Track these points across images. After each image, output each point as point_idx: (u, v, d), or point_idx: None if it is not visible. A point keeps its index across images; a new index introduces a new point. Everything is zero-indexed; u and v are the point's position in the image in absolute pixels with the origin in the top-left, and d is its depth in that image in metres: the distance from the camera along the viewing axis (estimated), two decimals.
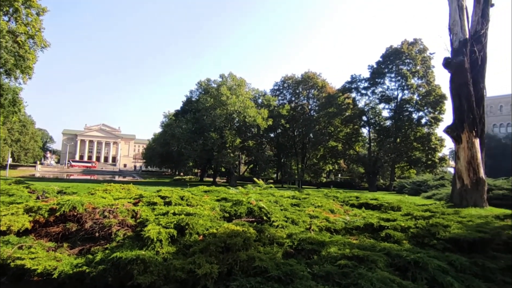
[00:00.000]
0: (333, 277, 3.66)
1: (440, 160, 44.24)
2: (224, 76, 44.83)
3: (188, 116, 43.36)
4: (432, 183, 25.76)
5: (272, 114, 45.61)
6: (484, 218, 7.28)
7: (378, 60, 46.33)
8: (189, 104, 49.05)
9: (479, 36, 15.26)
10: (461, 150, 14.49)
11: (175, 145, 42.51)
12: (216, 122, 40.44)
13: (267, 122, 42.78)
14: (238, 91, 42.82)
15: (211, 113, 40.79)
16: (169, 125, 47.50)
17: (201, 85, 48.21)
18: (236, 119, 43.59)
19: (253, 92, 48.58)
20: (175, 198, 6.14)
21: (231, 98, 40.66)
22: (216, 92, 42.02)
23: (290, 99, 53.57)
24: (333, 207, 6.86)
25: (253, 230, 4.61)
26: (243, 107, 41.40)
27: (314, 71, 52.73)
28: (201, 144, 40.70)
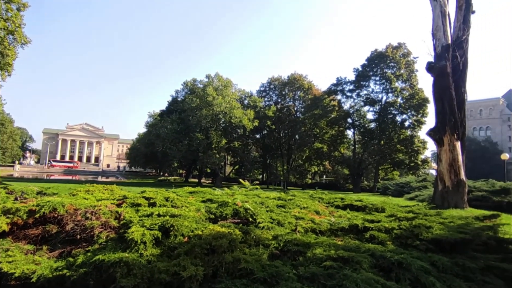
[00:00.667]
0: (319, 278, 3.67)
1: (422, 162, 45.21)
2: (210, 77, 44.63)
3: (174, 116, 42.95)
4: (415, 185, 26.24)
5: (258, 116, 45.64)
6: (465, 219, 7.44)
7: (363, 63, 47.02)
8: (174, 104, 48.59)
9: (461, 42, 15.65)
10: (443, 152, 14.80)
11: (160, 145, 42.01)
12: (202, 123, 40.20)
13: (253, 123, 42.76)
14: (225, 92, 42.68)
15: (196, 113, 40.51)
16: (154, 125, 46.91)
17: (187, 85, 47.82)
18: (222, 120, 43.42)
19: (239, 93, 48.51)
20: (159, 199, 6.04)
21: (217, 99, 40.49)
22: (202, 93, 41.77)
23: (276, 100, 53.74)
24: (319, 208, 6.89)
25: (239, 232, 4.58)
26: (229, 108, 41.28)
27: (300, 73, 53.10)
28: (187, 145, 40.34)
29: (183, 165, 53.62)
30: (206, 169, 49.10)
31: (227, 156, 51.70)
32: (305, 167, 54.85)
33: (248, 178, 47.95)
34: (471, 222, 7.05)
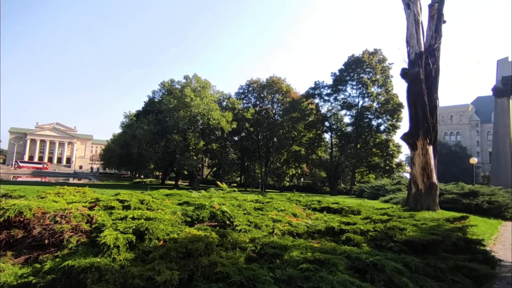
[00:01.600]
0: (295, 280, 3.67)
1: (397, 165, 46.54)
2: (188, 78, 44.20)
3: (150, 117, 42.21)
4: (389, 188, 26.81)
5: (237, 118, 45.57)
6: (436, 220, 7.68)
7: (341, 68, 47.93)
8: (151, 105, 47.75)
9: (433, 50, 16.18)
10: (416, 156, 15.22)
11: (136, 146, 41.14)
12: (179, 124, 39.72)
13: (231, 125, 42.65)
14: (203, 93, 42.39)
15: (174, 114, 39.99)
16: (129, 126, 45.87)
17: (164, 86, 47.13)
18: (200, 122, 43.08)
19: (217, 95, 48.29)
20: (134, 201, 5.88)
21: (195, 100, 40.14)
22: (180, 94, 41.29)
23: (255, 103, 53.87)
24: (296, 211, 6.92)
25: (216, 235, 4.51)
26: (207, 110, 41.02)
27: (279, 76, 53.53)
28: (163, 146, 39.72)
29: (159, 167, 52.72)
30: (183, 171, 48.45)
31: (205, 158, 51.28)
32: (283, 169, 55.20)
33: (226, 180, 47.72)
34: (442, 224, 7.28)
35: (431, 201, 14.78)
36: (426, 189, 14.85)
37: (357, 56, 46.67)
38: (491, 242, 9.60)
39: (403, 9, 17.24)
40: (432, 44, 16.26)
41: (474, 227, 8.42)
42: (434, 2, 16.35)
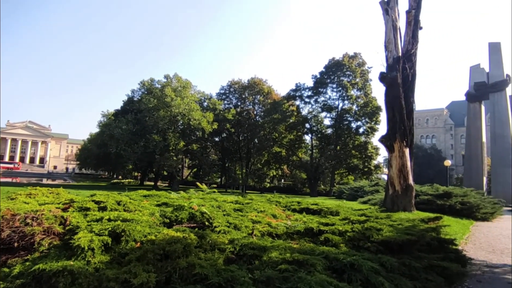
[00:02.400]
0: (274, 281, 3.67)
1: (375, 167, 47.45)
2: (169, 77, 43.61)
3: (129, 116, 41.39)
4: (368, 189, 27.22)
5: (218, 118, 45.34)
6: (412, 221, 7.85)
7: (321, 71, 48.41)
8: (130, 104, 46.82)
9: (410, 55, 16.59)
10: (393, 158, 15.55)
11: (114, 146, 40.23)
12: (159, 124, 39.15)
13: (212, 126, 42.38)
14: (183, 93, 41.91)
15: (154, 114, 39.38)
16: (107, 125, 44.77)
17: (144, 85, 46.27)
18: (180, 122, 42.60)
19: (198, 95, 47.88)
20: (111, 203, 5.74)
21: (176, 100, 39.65)
22: (160, 93, 40.66)
23: (236, 104, 53.75)
24: (276, 212, 6.93)
25: (194, 236, 4.46)
26: (188, 110, 40.60)
27: (260, 77, 53.67)
28: (142, 146, 39.02)
29: (138, 167, 51.79)
30: (163, 171, 47.75)
31: (185, 158, 50.74)
32: (264, 170, 55.31)
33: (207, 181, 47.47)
34: (417, 224, 7.44)
35: (407, 202, 15.11)
36: (403, 190, 15.17)
37: (337, 59, 47.30)
38: (463, 242, 9.93)
39: (382, 15, 17.63)
40: (409, 49, 16.67)
41: (447, 227, 8.68)
42: (411, 8, 16.76)
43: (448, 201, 17.35)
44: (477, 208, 17.24)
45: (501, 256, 8.15)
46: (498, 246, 9.70)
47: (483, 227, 14.45)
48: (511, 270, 6.79)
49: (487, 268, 6.81)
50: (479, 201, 18.20)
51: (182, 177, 51.10)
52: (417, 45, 16.86)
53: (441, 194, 18.46)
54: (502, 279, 6.10)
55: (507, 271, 6.68)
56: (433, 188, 19.97)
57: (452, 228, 11.00)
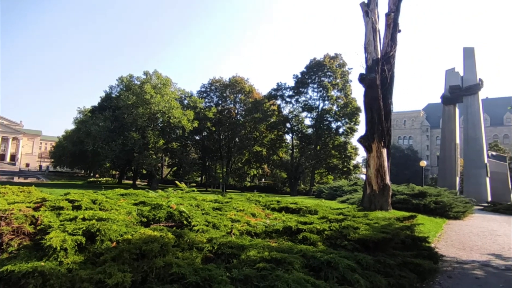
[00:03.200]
0: (252, 280, 3.68)
1: (354, 167, 48.32)
2: (148, 74, 42.86)
3: (107, 113, 40.47)
4: (346, 188, 27.63)
5: (198, 117, 44.97)
6: (388, 220, 8.03)
7: (303, 71, 48.80)
8: (108, 100, 45.77)
9: (389, 57, 16.93)
10: (371, 158, 15.83)
11: (91, 144, 39.16)
12: (138, 122, 38.47)
13: (192, 124, 41.99)
14: (163, 90, 41.33)
15: (132, 111, 38.64)
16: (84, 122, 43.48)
17: (122, 81, 45.30)
18: (160, 120, 42.02)
19: (179, 92, 47.34)
20: (86, 201, 5.60)
21: (155, 97, 39.05)
22: (139, 90, 39.93)
23: (217, 102, 53.48)
24: (255, 211, 6.94)
25: (172, 235, 4.41)
26: (168, 108, 40.07)
27: (242, 76, 53.50)
28: (121, 144, 38.23)
29: (116, 166, 50.67)
30: (141, 170, 46.94)
31: (165, 157, 50.08)
32: (245, 169, 55.31)
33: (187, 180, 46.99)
34: (393, 223, 7.62)
35: (384, 201, 15.42)
36: (380, 190, 15.47)
37: (318, 60, 47.77)
38: (436, 239, 10.24)
39: (362, 17, 17.92)
40: (388, 51, 17.01)
41: (421, 226, 8.95)
42: (391, 11, 17.10)
43: (423, 200, 17.80)
44: (450, 207, 17.76)
45: (470, 253, 8.46)
46: (468, 243, 10.05)
47: (455, 225, 14.91)
48: (479, 266, 7.05)
49: (457, 264, 7.05)
50: (452, 200, 18.77)
51: (162, 176, 50.40)
52: (396, 48, 17.21)
53: (416, 193, 18.93)
54: (470, 274, 6.35)
55: (475, 267, 6.95)
56: (409, 188, 20.45)
57: (426, 226, 11.31)
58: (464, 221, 17.28)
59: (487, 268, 6.91)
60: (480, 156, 40.34)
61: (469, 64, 42.78)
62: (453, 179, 42.28)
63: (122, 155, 39.16)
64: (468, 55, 43.22)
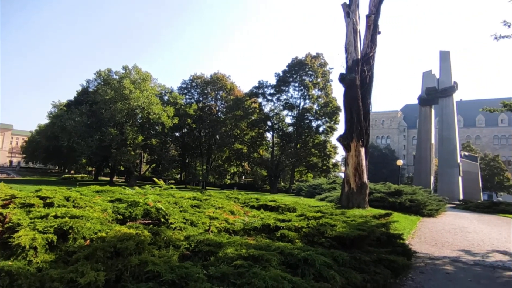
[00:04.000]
0: (229, 277, 3.65)
1: (333, 165, 49.07)
2: (127, 68, 42.06)
3: (83, 108, 39.46)
4: (325, 186, 27.88)
5: (179, 113, 44.51)
6: (364, 217, 8.17)
7: (284, 69, 49.08)
8: (84, 95, 44.65)
9: (368, 58, 17.19)
10: (350, 157, 16.06)
11: (66, 139, 38.10)
12: (116, 117, 37.73)
13: (172, 120, 41.54)
14: (143, 85, 40.68)
15: (110, 106, 37.85)
16: (59, 117, 42.23)
17: (100, 75, 44.26)
18: (139, 116, 41.38)
19: (159, 88, 46.69)
20: (58, 198, 5.40)
21: (135, 93, 38.39)
22: (117, 85, 39.13)
23: (198, 99, 53.07)
24: (234, 208, 6.92)
25: (148, 233, 4.33)
26: (148, 103, 39.48)
27: (223, 73, 53.35)
28: (98, 140, 37.38)
29: (92, 162, 49.54)
30: (119, 166, 46.09)
31: (144, 153, 49.34)
32: (225, 167, 55.19)
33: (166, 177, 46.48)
34: (369, 220, 7.76)
35: (361, 199, 15.69)
36: (358, 188, 15.73)
37: (300, 58, 48.13)
38: (410, 236, 10.51)
39: (344, 18, 18.11)
40: (368, 52, 17.27)
41: (397, 223, 9.17)
42: (371, 13, 17.36)
43: (399, 199, 18.17)
44: (424, 205, 18.23)
45: (442, 249, 8.73)
46: (440, 239, 10.37)
47: (428, 222, 15.35)
48: (449, 261, 7.30)
49: (429, 260, 7.27)
50: (426, 198, 19.29)
51: (140, 173, 49.63)
52: (375, 49, 17.49)
53: (392, 192, 19.30)
54: (441, 270, 6.56)
55: (446, 263, 7.18)
56: (386, 186, 20.87)
57: (401, 223, 11.59)
58: (437, 218, 17.80)
59: (457, 263, 7.14)
60: (453, 156, 41.62)
61: (445, 67, 44.03)
62: (428, 178, 43.52)
63: (99, 151, 38.32)
64: (444, 58, 44.49)
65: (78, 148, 37.42)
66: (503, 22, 14.35)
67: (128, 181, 44.83)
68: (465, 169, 42.74)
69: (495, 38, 14.87)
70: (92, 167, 59.92)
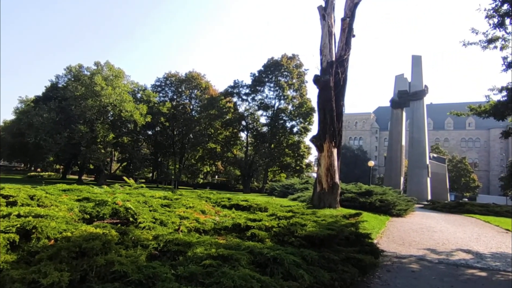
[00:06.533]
0: (197, 277, 3.65)
1: (306, 165, 49.79)
2: (99, 65, 40.94)
3: (52, 104, 38.08)
4: (298, 186, 28.19)
5: (152, 111, 43.75)
6: (335, 217, 8.34)
7: (260, 69, 49.34)
8: (54, 90, 43.08)
9: (343, 61, 17.56)
10: (322, 157, 16.32)
11: (32, 136, 36.61)
12: (87, 114, 36.67)
13: (145, 118, 40.81)
14: (115, 82, 39.75)
15: (81, 103, 36.75)
16: (25, 113, 40.71)
17: (70, 71, 42.82)
18: (111, 113, 40.37)
19: (132, 85, 45.74)
20: (22, 197, 5.21)
21: (106, 90, 37.44)
22: (88, 81, 38.04)
23: (172, 97, 52.36)
24: (205, 208, 6.89)
25: (115, 232, 4.26)
26: (120, 101, 38.59)
27: (198, 72, 52.96)
28: (66, 137, 36.17)
29: (60, 160, 47.78)
30: (88, 165, 44.70)
31: (114, 151, 48.09)
32: (198, 166, 54.74)
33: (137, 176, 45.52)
34: (339, 220, 7.93)
35: (333, 199, 15.97)
36: (329, 188, 16.00)
37: (276, 59, 48.50)
38: (379, 236, 10.79)
39: (319, 20, 18.41)
40: (342, 55, 17.62)
41: (366, 223, 9.41)
42: (346, 16, 17.74)
43: (369, 199, 18.59)
44: (394, 205, 18.73)
45: (408, 248, 9.04)
46: (407, 239, 10.73)
47: (397, 222, 15.80)
48: (415, 260, 7.58)
49: (396, 259, 7.51)
50: (396, 199, 19.80)
51: (110, 171, 48.43)
52: (350, 52, 17.87)
53: (363, 192, 19.68)
54: (407, 268, 6.81)
55: (412, 261, 7.45)
56: (357, 187, 21.31)
57: (371, 223, 11.90)
58: (406, 218, 18.36)
59: (422, 262, 7.41)
60: (422, 157, 43.11)
61: (416, 71, 45.57)
62: (398, 179, 44.93)
63: (68, 148, 37.14)
64: (416, 62, 46.03)
65: (45, 145, 36.08)
66: (471, 30, 15.00)
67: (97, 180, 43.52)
68: (434, 170, 44.37)
69: (464, 44, 15.50)
70: (60, 165, 57.79)
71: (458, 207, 26.23)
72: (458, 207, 26.06)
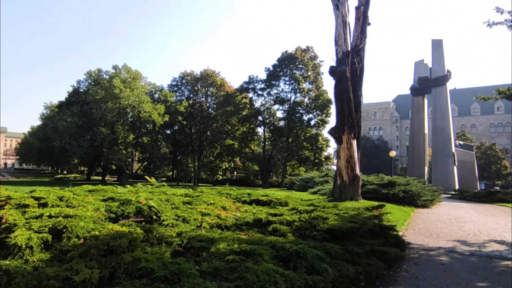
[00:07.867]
0: (221, 272, 3.73)
1: (325, 158, 49.24)
2: (117, 68, 41.77)
3: (75, 108, 39.21)
4: (318, 180, 27.84)
5: (169, 111, 44.31)
6: (357, 210, 8.24)
7: (274, 64, 49.00)
8: (76, 95, 44.31)
9: (359, 50, 17.21)
10: (342, 149, 16.12)
11: (58, 140, 37.84)
12: (107, 117, 37.55)
13: (163, 118, 41.41)
14: (133, 84, 40.45)
15: (101, 106, 37.67)
16: (51, 118, 41.98)
17: (90, 75, 43.91)
18: (130, 114, 41.18)
19: (149, 86, 46.46)
20: (52, 198, 5.44)
21: (125, 92, 38.17)
22: (108, 84, 38.88)
23: (188, 96, 52.87)
24: (226, 204, 6.98)
25: (140, 230, 4.40)
26: (138, 102, 39.30)
27: (213, 69, 53.16)
28: (89, 140, 37.19)
29: (84, 162, 49.21)
30: (111, 165, 45.87)
31: (135, 152, 49.08)
32: (216, 163, 55.14)
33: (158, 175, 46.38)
34: (362, 212, 7.83)
35: (354, 191, 15.74)
36: (350, 180, 15.78)
37: (290, 52, 48.06)
38: (404, 227, 10.54)
39: (333, 10, 18.10)
40: (358, 44, 17.26)
41: (390, 214, 9.19)
42: (361, 4, 17.35)
43: (392, 190, 18.11)
44: (418, 196, 18.21)
45: (436, 240, 8.75)
46: (435, 230, 10.40)
47: (423, 213, 15.36)
48: (444, 252, 7.32)
49: (423, 251, 7.28)
50: (420, 189, 19.21)
51: (132, 171, 49.48)
52: (366, 40, 17.46)
53: (385, 183, 19.23)
54: (436, 260, 6.58)
55: (441, 253, 7.19)
56: (379, 178, 20.89)
57: (395, 215, 11.61)
58: (432, 209, 17.84)
59: (452, 254, 7.14)
60: (447, 145, 41.45)
61: (437, 56, 43.78)
62: (421, 168, 43.67)
63: (91, 150, 38.20)
64: (436, 47, 44.24)
65: (70, 148, 37.26)
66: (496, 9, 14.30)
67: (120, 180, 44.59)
68: (460, 158, 42.60)
69: (488, 25, 14.80)
70: (84, 167, 59.51)
71: (490, 196, 25.01)
72: (489, 196, 24.83)
